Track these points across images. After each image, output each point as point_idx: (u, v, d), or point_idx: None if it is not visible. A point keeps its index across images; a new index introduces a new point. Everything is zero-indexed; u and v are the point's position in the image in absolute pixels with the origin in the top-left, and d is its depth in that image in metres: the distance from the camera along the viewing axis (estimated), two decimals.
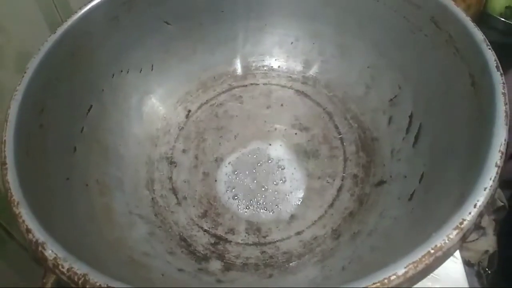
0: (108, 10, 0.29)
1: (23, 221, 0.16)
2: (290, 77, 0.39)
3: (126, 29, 0.32)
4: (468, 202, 0.15)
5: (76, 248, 0.16)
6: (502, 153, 0.16)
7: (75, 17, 0.28)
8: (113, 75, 0.32)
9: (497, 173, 0.16)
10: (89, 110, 0.29)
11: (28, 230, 0.16)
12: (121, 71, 0.33)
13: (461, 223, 0.14)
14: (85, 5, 0.28)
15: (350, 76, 0.36)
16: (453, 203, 0.17)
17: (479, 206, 0.15)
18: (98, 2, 0.29)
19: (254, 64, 0.41)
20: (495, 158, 0.16)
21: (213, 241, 0.28)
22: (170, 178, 0.32)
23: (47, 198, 0.20)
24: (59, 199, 0.22)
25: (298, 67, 0.40)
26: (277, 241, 0.28)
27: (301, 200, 0.30)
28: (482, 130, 0.19)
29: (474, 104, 0.22)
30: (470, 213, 0.15)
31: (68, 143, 0.26)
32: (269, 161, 0.33)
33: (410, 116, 0.29)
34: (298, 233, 0.28)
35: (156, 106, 0.36)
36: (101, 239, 0.22)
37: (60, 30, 0.27)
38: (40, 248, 0.15)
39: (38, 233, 0.16)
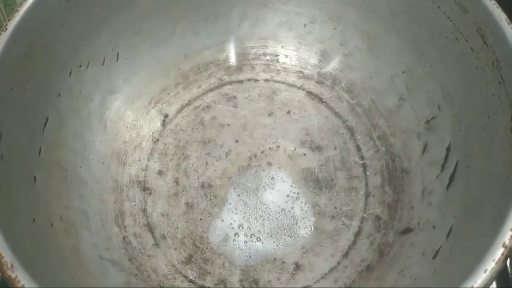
0: None
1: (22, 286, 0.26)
2: (301, 72, 0.48)
3: (86, 10, 0.40)
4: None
5: None
6: None
7: (27, 4, 0.36)
8: (71, 72, 0.40)
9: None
10: (45, 124, 0.37)
11: None
12: (80, 66, 0.41)
13: None
14: None
15: (380, 80, 0.45)
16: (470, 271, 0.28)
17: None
18: None
19: (253, 52, 0.49)
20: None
21: None
22: (144, 211, 0.41)
23: (24, 250, 0.29)
24: (31, 248, 0.31)
25: (313, 60, 0.49)
26: None
27: (309, 246, 0.40)
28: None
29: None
30: None
31: (28, 172, 0.34)
32: (270, 191, 0.42)
33: (448, 149, 0.39)
34: None
35: (122, 110, 0.45)
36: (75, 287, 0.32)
37: (11, 25, 0.35)
38: None
39: None
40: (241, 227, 0.40)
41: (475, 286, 0.25)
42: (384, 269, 0.37)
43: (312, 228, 0.40)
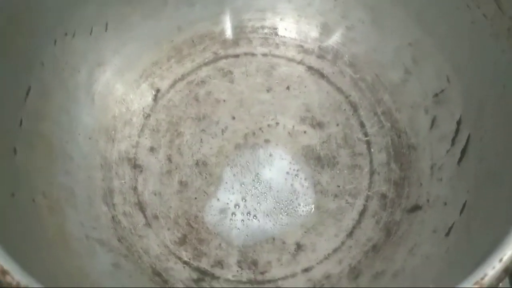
0: None
1: None
2: (301, 46, 0.46)
3: None
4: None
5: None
6: None
7: None
8: (55, 41, 0.37)
9: None
10: (27, 94, 0.34)
11: (5, 272, 0.23)
12: (66, 34, 0.38)
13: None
14: None
15: (384, 53, 0.43)
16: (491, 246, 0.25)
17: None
18: None
19: (250, 25, 0.47)
20: None
21: (195, 277, 0.35)
22: (135, 189, 0.39)
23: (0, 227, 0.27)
24: (9, 225, 0.28)
25: (313, 33, 0.46)
26: (278, 279, 0.35)
27: (310, 225, 0.37)
28: None
29: None
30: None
31: (8, 143, 0.32)
32: (268, 169, 0.40)
33: (458, 122, 0.36)
34: (306, 270, 0.36)
35: (111, 83, 0.42)
36: (60, 268, 0.29)
37: None
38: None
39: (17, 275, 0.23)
40: (237, 206, 0.38)
41: (504, 258, 0.22)
42: (392, 248, 0.35)
43: (314, 207, 0.38)
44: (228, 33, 0.46)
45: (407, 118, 0.40)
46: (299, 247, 0.36)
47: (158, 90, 0.43)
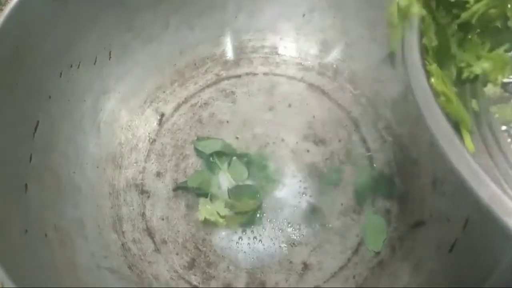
0: None
1: None
2: (301, 64, 0.47)
3: (75, 7, 0.38)
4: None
5: None
6: None
7: (12, 3, 0.34)
8: (61, 73, 0.38)
9: None
10: (36, 129, 0.35)
11: None
12: (71, 66, 0.39)
13: None
14: None
15: (384, 68, 0.44)
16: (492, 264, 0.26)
17: None
18: None
19: (250, 45, 0.48)
20: None
21: None
22: (143, 215, 0.40)
23: (16, 265, 0.28)
24: (23, 262, 0.29)
25: (313, 50, 0.47)
26: None
27: (316, 243, 0.38)
28: None
29: None
30: None
31: (19, 180, 0.33)
32: (273, 189, 0.41)
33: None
34: None
35: (116, 111, 0.43)
36: None
37: None
38: None
39: None
40: (244, 227, 0.38)
41: None
42: (397, 264, 0.36)
43: (319, 225, 0.39)
44: (229, 54, 0.47)
45: (409, 132, 0.41)
46: (306, 266, 0.37)
47: (162, 115, 0.44)
